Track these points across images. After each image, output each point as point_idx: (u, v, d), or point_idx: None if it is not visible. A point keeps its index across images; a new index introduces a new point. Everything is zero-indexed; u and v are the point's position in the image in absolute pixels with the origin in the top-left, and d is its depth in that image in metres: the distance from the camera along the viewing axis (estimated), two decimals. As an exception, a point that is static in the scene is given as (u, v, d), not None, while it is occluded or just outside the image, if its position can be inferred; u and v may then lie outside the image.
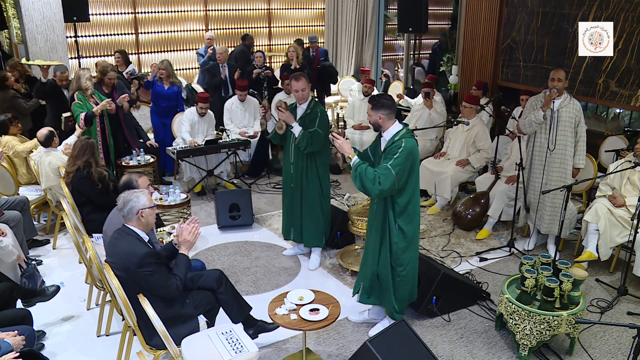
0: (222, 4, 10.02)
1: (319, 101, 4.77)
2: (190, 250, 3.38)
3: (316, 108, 4.63)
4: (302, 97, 4.61)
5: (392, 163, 3.48)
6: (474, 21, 7.71)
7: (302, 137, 4.54)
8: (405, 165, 3.50)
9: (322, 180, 4.78)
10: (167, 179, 7.07)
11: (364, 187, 3.51)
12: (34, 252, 5.05)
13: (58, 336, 3.93)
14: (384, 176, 3.45)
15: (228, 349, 3.02)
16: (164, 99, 6.94)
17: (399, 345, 3.24)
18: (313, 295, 3.52)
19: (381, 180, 3.44)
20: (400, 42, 11.00)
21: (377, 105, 3.62)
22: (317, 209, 4.80)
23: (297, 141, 4.58)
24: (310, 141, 4.53)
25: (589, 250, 4.64)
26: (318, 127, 4.55)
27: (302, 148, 4.59)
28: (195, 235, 3.37)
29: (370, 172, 3.48)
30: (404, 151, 3.49)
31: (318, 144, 4.58)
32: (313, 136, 4.53)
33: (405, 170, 3.51)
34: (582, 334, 3.92)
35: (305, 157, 4.69)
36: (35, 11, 7.28)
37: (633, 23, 5.93)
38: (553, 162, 4.84)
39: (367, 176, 3.47)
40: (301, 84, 4.56)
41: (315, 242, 4.90)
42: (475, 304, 4.32)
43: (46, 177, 5.15)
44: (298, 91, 4.58)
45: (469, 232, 5.59)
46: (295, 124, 4.60)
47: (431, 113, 6.86)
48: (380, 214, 3.71)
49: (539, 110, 4.77)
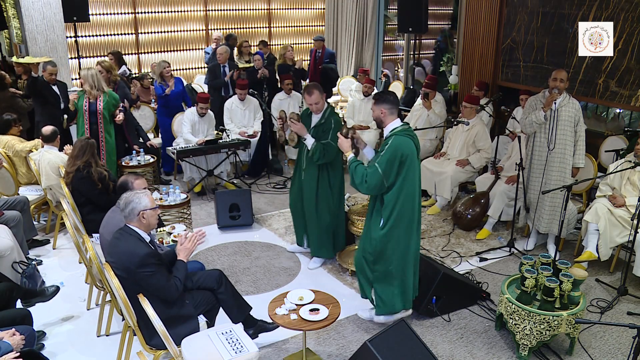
0: (222, 4, 10.02)
1: (334, 109, 4.64)
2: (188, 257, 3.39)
3: (331, 118, 4.51)
4: (316, 110, 4.50)
5: (378, 160, 3.54)
6: (474, 21, 7.71)
7: (315, 149, 4.45)
8: (392, 162, 3.52)
9: (333, 189, 4.68)
10: (166, 179, 7.08)
11: (354, 184, 3.64)
12: (34, 252, 5.05)
13: (58, 336, 3.93)
14: (370, 173, 3.55)
15: (228, 349, 3.02)
16: (175, 99, 6.99)
17: (399, 345, 3.24)
18: (313, 295, 3.52)
19: (367, 178, 3.55)
20: (400, 42, 11.00)
21: (380, 100, 3.67)
22: (327, 217, 4.70)
23: (310, 153, 4.50)
24: (322, 153, 4.44)
25: (589, 250, 4.64)
26: (331, 140, 4.41)
27: (315, 160, 4.50)
28: (196, 244, 3.38)
29: (359, 170, 3.60)
30: (390, 148, 3.53)
31: (331, 155, 4.48)
32: (326, 148, 4.43)
33: (392, 168, 3.53)
34: (582, 334, 3.92)
35: (317, 165, 4.59)
36: (35, 11, 7.28)
37: (633, 23, 5.93)
38: (552, 161, 4.84)
39: (357, 173, 3.61)
40: (314, 98, 4.43)
41: (324, 253, 4.85)
42: (475, 304, 4.32)
43: (46, 176, 5.15)
44: (312, 105, 4.47)
45: (469, 232, 5.59)
46: (307, 135, 4.50)
47: (429, 114, 6.85)
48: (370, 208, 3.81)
49: (539, 110, 4.76)
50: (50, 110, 6.20)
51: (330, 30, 10.73)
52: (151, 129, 7.73)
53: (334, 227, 4.78)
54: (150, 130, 7.70)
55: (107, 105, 5.82)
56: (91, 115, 5.82)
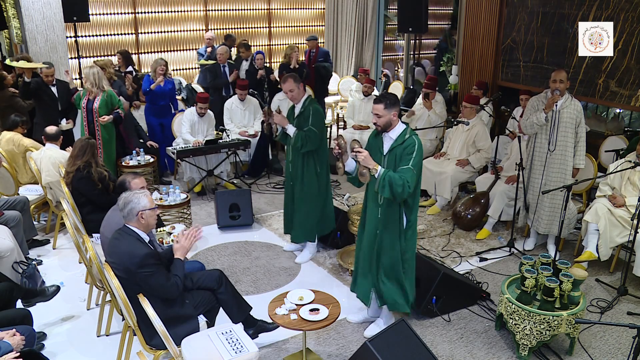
0: (222, 4, 10.01)
1: (314, 99, 4.79)
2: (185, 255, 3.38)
3: (309, 106, 4.66)
4: (292, 97, 4.67)
5: (412, 163, 3.48)
6: (474, 21, 7.71)
7: (297, 137, 4.61)
8: (422, 162, 3.57)
9: (320, 178, 4.80)
10: (166, 179, 7.08)
11: (393, 194, 3.43)
12: (34, 252, 5.05)
13: (58, 336, 3.93)
14: (410, 178, 3.42)
15: (228, 349, 3.02)
16: (162, 97, 6.92)
17: (399, 345, 3.24)
18: (313, 295, 3.52)
19: (409, 183, 3.42)
20: (400, 42, 11.00)
21: (389, 104, 3.55)
22: (312, 205, 4.82)
23: (293, 142, 4.64)
24: (305, 140, 4.58)
25: (589, 250, 4.64)
26: (312, 125, 4.58)
27: (298, 148, 4.64)
28: (192, 241, 3.37)
29: (397, 178, 3.41)
30: (420, 149, 3.52)
31: (314, 142, 4.60)
32: (308, 135, 4.57)
33: (421, 168, 3.58)
34: (582, 334, 3.92)
35: (302, 155, 4.73)
36: (35, 11, 7.28)
37: (633, 23, 5.93)
38: (553, 162, 4.83)
39: (396, 182, 3.40)
40: (288, 85, 4.60)
41: (302, 238, 4.96)
42: (475, 304, 4.32)
43: (46, 172, 5.15)
44: (287, 92, 4.65)
45: (469, 232, 5.59)
46: (289, 125, 4.68)
47: (430, 114, 6.85)
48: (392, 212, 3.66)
49: (541, 111, 4.75)
50: (47, 111, 6.22)
51: (330, 30, 10.73)
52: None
53: (320, 213, 4.88)
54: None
55: (102, 104, 5.81)
56: (88, 114, 5.84)
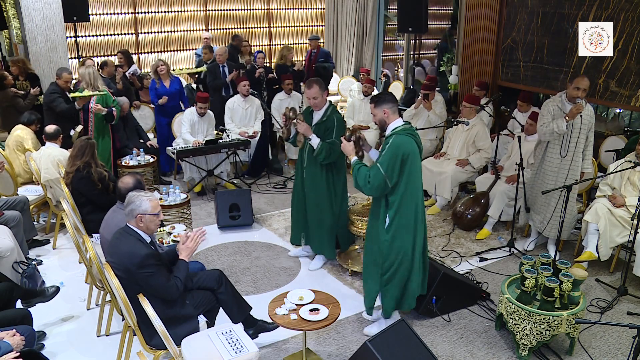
0: (222, 4, 10.02)
1: (336, 108, 4.58)
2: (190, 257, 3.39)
3: (333, 116, 4.43)
4: (315, 104, 4.43)
5: (380, 160, 3.53)
6: (474, 21, 7.71)
7: (321, 148, 4.38)
8: (394, 162, 3.49)
9: (336, 189, 4.63)
10: (166, 179, 7.08)
11: (358, 186, 3.62)
12: (34, 252, 5.05)
13: (58, 336, 3.93)
14: (373, 174, 3.53)
15: (228, 349, 3.02)
16: (171, 99, 6.97)
17: (399, 345, 3.24)
18: (313, 295, 3.52)
19: (370, 179, 3.53)
20: (400, 42, 11.00)
21: (379, 102, 3.63)
22: (328, 216, 4.65)
23: (315, 153, 4.42)
24: (329, 152, 4.37)
25: (589, 250, 4.64)
26: (336, 138, 4.31)
27: (320, 159, 4.44)
28: (198, 242, 3.37)
29: (362, 171, 3.58)
30: (391, 147, 3.51)
31: (336, 154, 4.38)
32: (332, 147, 4.36)
33: (394, 168, 3.50)
34: (582, 334, 3.92)
35: (319, 164, 4.53)
36: (35, 11, 7.28)
37: (633, 23, 5.93)
38: (563, 168, 4.75)
39: (360, 174, 3.59)
40: (313, 92, 4.36)
41: (326, 252, 4.81)
42: (475, 304, 4.32)
43: (45, 169, 5.15)
44: (310, 99, 4.41)
45: (469, 232, 5.59)
46: (313, 135, 4.43)
47: (430, 115, 6.85)
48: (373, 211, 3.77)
49: (561, 119, 4.57)
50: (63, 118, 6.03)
51: (330, 30, 10.73)
52: (151, 129, 7.73)
53: (336, 228, 4.74)
54: (150, 130, 7.70)
55: (98, 103, 5.81)
56: (84, 113, 5.85)
